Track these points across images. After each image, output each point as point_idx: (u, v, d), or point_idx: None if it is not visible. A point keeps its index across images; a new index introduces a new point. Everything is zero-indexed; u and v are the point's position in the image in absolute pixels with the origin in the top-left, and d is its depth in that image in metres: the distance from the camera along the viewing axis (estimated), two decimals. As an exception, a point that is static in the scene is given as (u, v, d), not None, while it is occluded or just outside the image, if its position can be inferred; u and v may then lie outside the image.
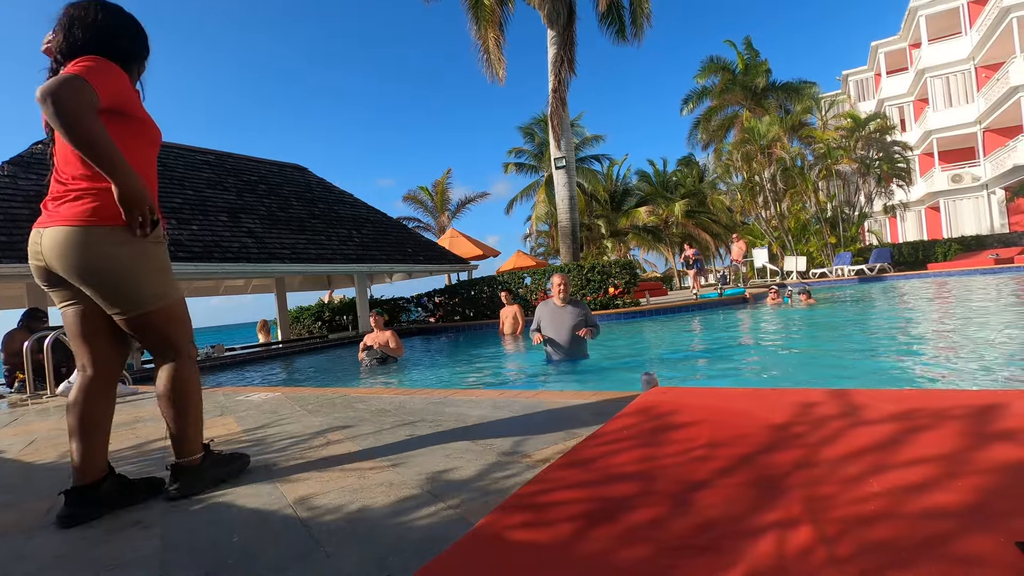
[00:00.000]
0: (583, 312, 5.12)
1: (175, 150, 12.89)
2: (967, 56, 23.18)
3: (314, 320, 16.70)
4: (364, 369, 7.26)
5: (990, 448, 1.18)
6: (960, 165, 23.98)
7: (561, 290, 5.10)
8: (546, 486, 1.25)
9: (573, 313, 5.07)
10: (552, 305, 5.17)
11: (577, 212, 15.02)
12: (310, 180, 15.83)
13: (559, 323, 5.06)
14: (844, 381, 4.16)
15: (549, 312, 5.16)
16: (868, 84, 31.04)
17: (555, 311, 5.13)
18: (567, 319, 5.05)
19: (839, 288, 15.48)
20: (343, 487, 1.65)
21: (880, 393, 1.76)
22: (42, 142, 10.15)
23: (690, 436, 1.49)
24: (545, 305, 5.21)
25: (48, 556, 1.36)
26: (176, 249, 9.27)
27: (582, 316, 5.07)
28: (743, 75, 24.87)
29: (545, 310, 5.19)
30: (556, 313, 5.11)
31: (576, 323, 5.03)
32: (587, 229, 29.51)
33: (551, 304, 5.18)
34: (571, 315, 5.05)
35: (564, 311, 5.09)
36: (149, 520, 1.55)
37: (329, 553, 1.21)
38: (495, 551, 0.96)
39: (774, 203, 22.01)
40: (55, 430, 3.26)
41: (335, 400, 3.37)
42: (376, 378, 6.59)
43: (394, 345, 7.34)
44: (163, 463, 2.20)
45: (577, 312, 5.08)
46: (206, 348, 11.20)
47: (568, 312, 5.08)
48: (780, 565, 0.83)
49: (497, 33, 14.36)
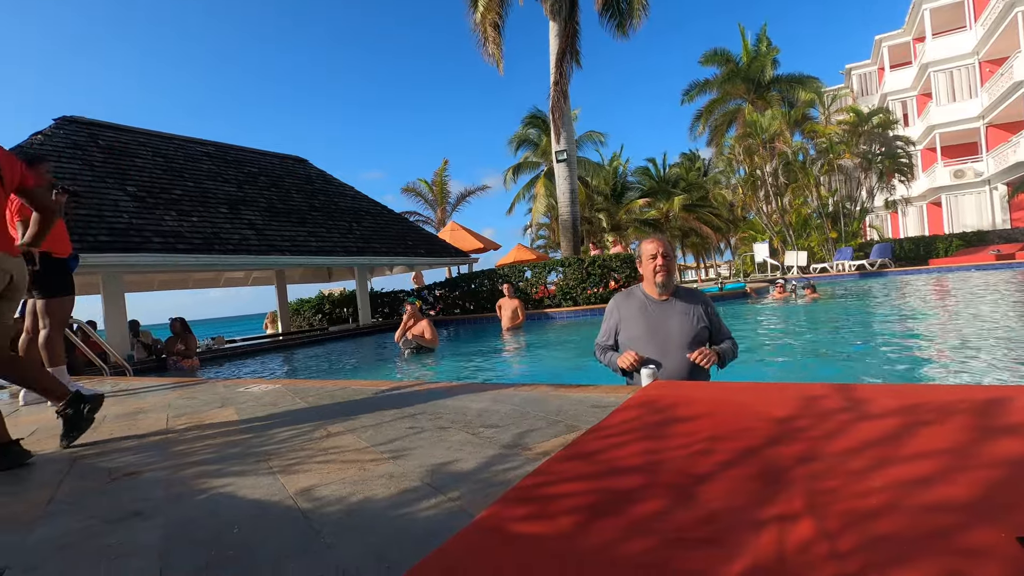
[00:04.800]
0: (702, 311, 2.71)
1: (175, 141, 12.85)
2: (971, 51, 23.04)
3: (314, 312, 16.72)
4: (401, 357, 7.29)
5: (993, 442, 1.18)
6: (962, 160, 23.91)
7: (660, 267, 2.71)
8: (548, 478, 1.25)
9: (684, 312, 2.69)
10: (642, 298, 2.78)
11: (578, 205, 15.00)
12: (310, 172, 15.79)
13: (659, 329, 2.66)
14: (846, 376, 4.16)
15: (638, 310, 2.74)
16: (871, 78, 30.89)
17: (651, 308, 2.73)
18: (674, 324, 2.66)
19: (840, 283, 15.47)
20: (344, 479, 1.65)
21: (882, 387, 1.76)
22: (41, 133, 10.14)
23: (692, 429, 1.48)
24: (629, 299, 2.83)
25: (49, 546, 1.36)
26: (176, 241, 9.26)
27: (699, 321, 2.67)
28: (747, 67, 24.71)
29: (630, 308, 2.78)
30: (653, 312, 2.71)
31: (689, 332, 2.63)
32: (587, 223, 29.46)
33: (639, 296, 2.80)
34: (680, 316, 2.68)
35: (668, 308, 2.71)
36: (149, 511, 1.55)
37: (330, 544, 1.21)
38: (497, 543, 0.96)
39: (776, 197, 21.95)
40: (56, 420, 3.26)
41: (335, 392, 3.36)
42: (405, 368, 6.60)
43: (429, 336, 7.34)
44: (162, 453, 2.21)
45: (691, 310, 2.69)
46: (206, 340, 11.21)
47: (676, 310, 2.70)
48: (782, 558, 0.83)
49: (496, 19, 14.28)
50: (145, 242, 8.78)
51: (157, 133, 12.74)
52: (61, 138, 10.29)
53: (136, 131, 12.28)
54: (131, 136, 11.92)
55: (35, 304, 4.07)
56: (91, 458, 2.24)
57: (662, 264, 2.70)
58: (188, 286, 15.58)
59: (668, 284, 2.73)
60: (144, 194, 10.07)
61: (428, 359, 7.05)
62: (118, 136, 11.57)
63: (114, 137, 11.43)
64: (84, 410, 2.48)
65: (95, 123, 11.56)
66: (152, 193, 10.26)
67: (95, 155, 10.40)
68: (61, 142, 10.17)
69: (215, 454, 2.13)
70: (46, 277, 3.95)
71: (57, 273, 4.02)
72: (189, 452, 2.20)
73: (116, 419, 3.14)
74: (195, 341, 9.12)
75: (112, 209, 9.09)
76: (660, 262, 2.70)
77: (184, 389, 4.25)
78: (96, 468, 2.06)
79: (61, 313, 4.06)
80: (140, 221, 9.20)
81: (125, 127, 12.12)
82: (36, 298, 3.99)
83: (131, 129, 12.21)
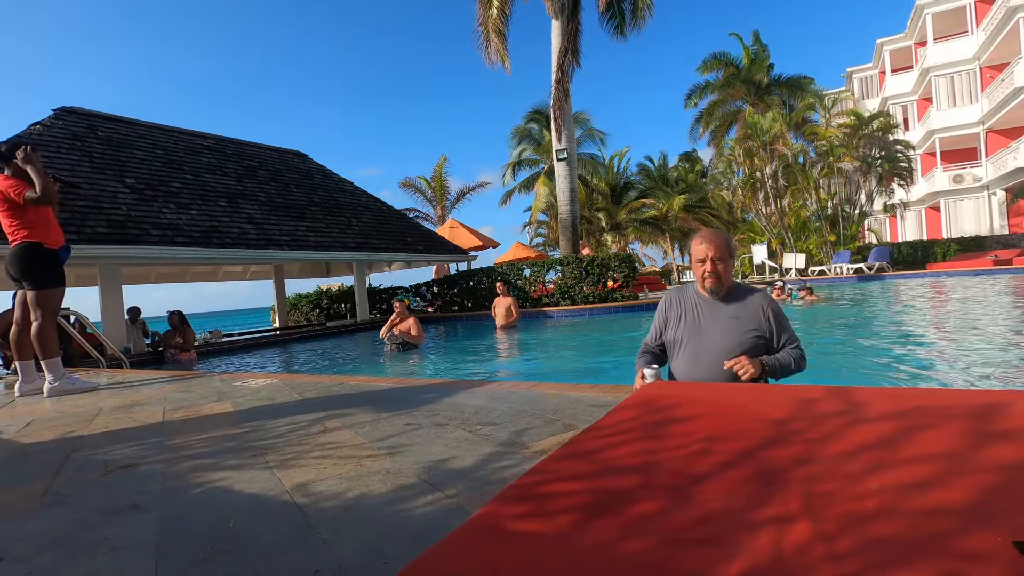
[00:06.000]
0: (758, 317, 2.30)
1: (175, 134, 12.81)
2: (972, 56, 23.08)
3: (312, 308, 16.70)
4: (387, 353, 7.28)
5: (990, 448, 1.18)
6: (962, 165, 23.96)
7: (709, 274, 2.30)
8: (545, 477, 1.24)
9: (734, 316, 2.30)
10: (693, 296, 2.42)
11: (577, 204, 15.00)
12: (310, 167, 15.75)
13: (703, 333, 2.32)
14: (844, 379, 4.17)
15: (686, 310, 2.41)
16: (872, 82, 30.92)
17: (700, 309, 2.37)
18: (720, 329, 2.30)
19: (837, 286, 15.50)
20: (340, 474, 1.65)
21: (880, 391, 1.76)
22: (40, 123, 10.10)
23: (689, 430, 1.48)
24: (679, 296, 2.46)
25: (45, 538, 1.36)
26: (175, 234, 9.23)
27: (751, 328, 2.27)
28: (747, 70, 24.74)
29: (678, 307, 2.44)
30: (701, 314, 2.36)
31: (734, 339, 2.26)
32: (587, 222, 29.46)
33: (690, 294, 2.44)
34: (728, 320, 2.30)
35: (716, 311, 2.34)
36: (146, 504, 1.54)
37: (326, 540, 1.21)
38: (493, 540, 0.96)
39: (775, 199, 21.98)
40: (52, 411, 3.26)
41: (332, 388, 3.36)
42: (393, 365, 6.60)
43: (415, 333, 7.34)
44: (158, 446, 2.20)
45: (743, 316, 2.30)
46: (203, 334, 11.19)
47: (725, 314, 2.32)
48: (780, 558, 0.83)
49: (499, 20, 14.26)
50: (143, 234, 8.75)
51: (157, 125, 12.70)
52: (60, 129, 10.25)
53: (136, 123, 12.23)
54: (130, 128, 11.88)
55: (25, 295, 4.06)
56: (87, 450, 2.23)
57: (710, 271, 2.27)
58: (186, 279, 15.54)
59: (718, 290, 2.31)
60: (143, 186, 10.03)
61: (413, 356, 7.06)
62: (117, 128, 11.53)
63: (113, 129, 11.39)
64: None
65: (94, 114, 11.51)
66: (151, 185, 10.23)
67: (94, 146, 10.36)
68: (60, 133, 10.12)
69: (212, 448, 2.13)
70: (37, 268, 3.94)
71: (48, 264, 4.00)
72: (186, 446, 2.20)
73: (112, 412, 3.14)
74: (193, 335, 9.11)
75: (111, 201, 9.06)
76: (708, 268, 2.28)
77: (181, 382, 4.24)
78: (92, 460, 2.06)
79: (51, 304, 4.05)
80: (138, 213, 9.17)
81: (124, 119, 12.08)
82: (27, 289, 3.98)
83: (131, 121, 12.16)
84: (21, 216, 3.88)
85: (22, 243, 3.91)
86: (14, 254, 3.93)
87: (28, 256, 3.92)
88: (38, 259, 3.95)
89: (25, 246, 3.91)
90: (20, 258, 3.91)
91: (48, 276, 4.00)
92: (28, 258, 3.92)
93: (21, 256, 3.91)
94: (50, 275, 4.02)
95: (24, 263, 3.92)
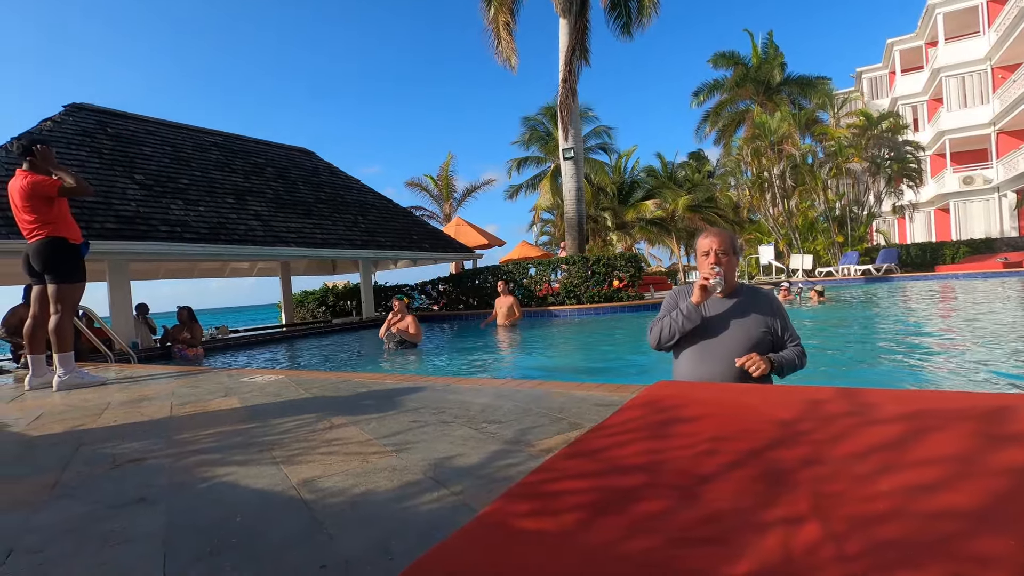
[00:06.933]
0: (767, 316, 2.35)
1: (183, 131, 12.88)
2: (984, 56, 22.85)
3: (318, 305, 16.76)
4: (386, 351, 7.31)
5: (1000, 451, 1.17)
6: (972, 167, 23.74)
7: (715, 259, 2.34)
8: (551, 475, 1.24)
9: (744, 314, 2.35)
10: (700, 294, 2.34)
11: (584, 204, 14.98)
12: (317, 164, 15.80)
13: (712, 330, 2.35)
14: (853, 380, 4.15)
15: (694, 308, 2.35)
16: (882, 82, 30.70)
17: (708, 306, 2.39)
18: (729, 326, 2.33)
19: (845, 288, 15.40)
20: (346, 471, 1.65)
21: (889, 393, 1.75)
22: (51, 119, 10.18)
23: (696, 430, 1.48)
24: (689, 290, 2.42)
25: (54, 530, 1.37)
26: (182, 230, 9.29)
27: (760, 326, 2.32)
28: (756, 69, 24.60)
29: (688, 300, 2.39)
30: (709, 311, 2.39)
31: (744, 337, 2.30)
32: (592, 221, 29.41)
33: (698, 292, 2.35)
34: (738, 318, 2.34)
35: (725, 309, 2.39)
36: (153, 497, 1.55)
37: (332, 536, 1.22)
38: (500, 538, 0.96)
39: (782, 200, 21.85)
40: (61, 405, 3.29)
41: (339, 384, 3.37)
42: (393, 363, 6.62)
43: (414, 331, 7.36)
44: (166, 441, 2.22)
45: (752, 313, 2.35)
46: (211, 329, 11.26)
47: (734, 311, 2.37)
48: (788, 559, 0.82)
49: (508, 18, 14.24)
50: (151, 230, 8.81)
51: (165, 122, 12.77)
52: (70, 125, 10.32)
53: (145, 119, 12.31)
54: (140, 124, 11.95)
55: (42, 290, 4.12)
56: (96, 444, 2.25)
57: (714, 262, 2.33)
58: (193, 275, 15.64)
59: (722, 285, 2.31)
60: (151, 183, 10.10)
61: (412, 354, 7.08)
62: (127, 124, 11.61)
63: (123, 125, 11.46)
64: None
65: (104, 111, 11.60)
66: (159, 182, 10.30)
67: (104, 143, 10.43)
68: (70, 129, 10.20)
69: (218, 443, 2.14)
70: (61, 262, 4.02)
71: (72, 258, 4.10)
72: (193, 440, 2.21)
73: (120, 406, 3.16)
74: (200, 330, 9.16)
75: (120, 197, 9.13)
76: (712, 260, 2.33)
77: (188, 378, 4.27)
78: (100, 454, 2.08)
79: (72, 299, 4.13)
80: (147, 209, 9.24)
81: (134, 115, 12.15)
82: (49, 282, 4.04)
83: (140, 118, 12.24)
84: (47, 212, 3.98)
85: (46, 238, 3.99)
86: (39, 248, 4.00)
87: (54, 250, 4.01)
88: (63, 253, 4.05)
89: (50, 240, 4.00)
90: (46, 252, 4.00)
91: (71, 270, 4.09)
92: (54, 252, 4.01)
93: (47, 250, 4.00)
94: (73, 269, 4.10)
95: (50, 257, 4.01)
